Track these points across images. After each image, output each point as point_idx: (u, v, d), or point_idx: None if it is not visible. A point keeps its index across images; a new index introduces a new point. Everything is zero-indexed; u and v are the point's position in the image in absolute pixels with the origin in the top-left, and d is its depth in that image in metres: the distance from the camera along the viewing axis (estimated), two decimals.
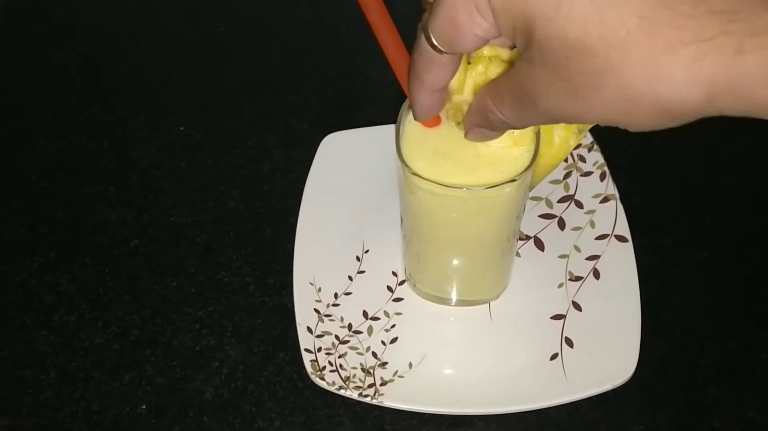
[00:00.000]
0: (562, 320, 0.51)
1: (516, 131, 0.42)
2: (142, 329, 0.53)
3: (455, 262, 0.50)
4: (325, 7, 0.72)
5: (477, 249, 0.48)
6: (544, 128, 0.43)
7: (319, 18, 0.72)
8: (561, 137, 0.43)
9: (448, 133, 0.43)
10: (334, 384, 0.48)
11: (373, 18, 0.39)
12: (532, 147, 0.42)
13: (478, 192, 0.42)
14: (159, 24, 0.73)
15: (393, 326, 0.52)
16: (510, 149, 0.43)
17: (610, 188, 0.56)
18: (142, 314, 0.54)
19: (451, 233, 0.47)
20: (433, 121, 0.43)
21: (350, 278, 0.54)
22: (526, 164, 0.42)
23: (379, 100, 0.64)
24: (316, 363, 0.49)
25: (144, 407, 0.50)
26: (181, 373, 0.51)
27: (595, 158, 0.58)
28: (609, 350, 0.49)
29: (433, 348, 0.51)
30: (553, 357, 0.50)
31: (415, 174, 0.42)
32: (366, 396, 0.48)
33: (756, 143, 0.61)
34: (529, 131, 0.43)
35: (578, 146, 0.58)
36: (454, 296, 0.52)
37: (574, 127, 0.43)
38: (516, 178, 0.42)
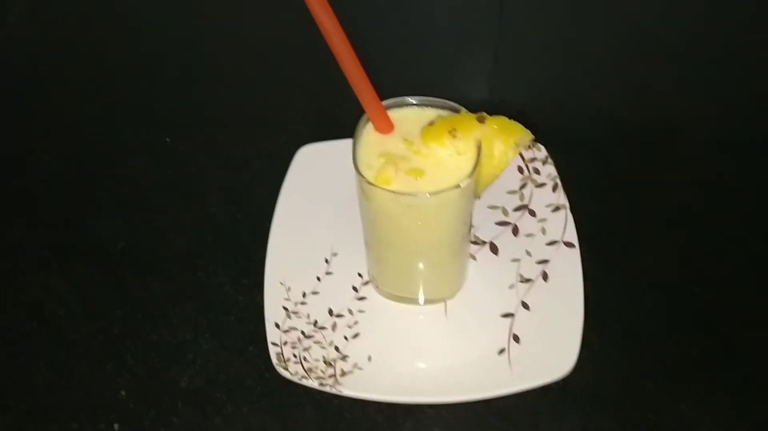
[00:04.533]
0: (511, 319, 0.55)
1: (461, 143, 0.47)
2: (125, 323, 0.58)
3: (411, 265, 0.54)
4: (305, 32, 0.77)
5: (430, 253, 0.53)
6: (484, 142, 0.47)
7: (300, 41, 0.77)
8: (500, 151, 0.47)
9: (401, 144, 0.48)
10: (296, 374, 0.53)
11: (334, 44, 0.44)
12: (474, 157, 0.47)
13: (426, 199, 0.46)
14: (152, 47, 0.79)
15: (356, 322, 0.56)
16: (455, 158, 0.47)
17: (561, 198, 0.60)
18: (125, 310, 0.58)
19: (405, 238, 0.51)
20: (387, 128, 0.48)
21: (318, 278, 0.58)
22: (469, 172, 0.47)
23: (352, 116, 0.69)
24: (281, 356, 0.53)
25: (123, 393, 0.54)
26: (158, 364, 0.55)
27: (549, 170, 0.62)
28: (552, 346, 0.53)
29: (392, 343, 0.55)
30: (501, 351, 0.54)
31: (369, 183, 0.47)
32: (326, 385, 0.52)
33: (696, 161, 0.66)
34: (472, 144, 0.47)
35: (533, 160, 0.62)
36: (412, 296, 0.56)
37: (510, 142, 0.47)
38: (460, 184, 0.46)
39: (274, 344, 0.54)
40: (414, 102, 0.50)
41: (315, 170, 0.63)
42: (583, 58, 0.76)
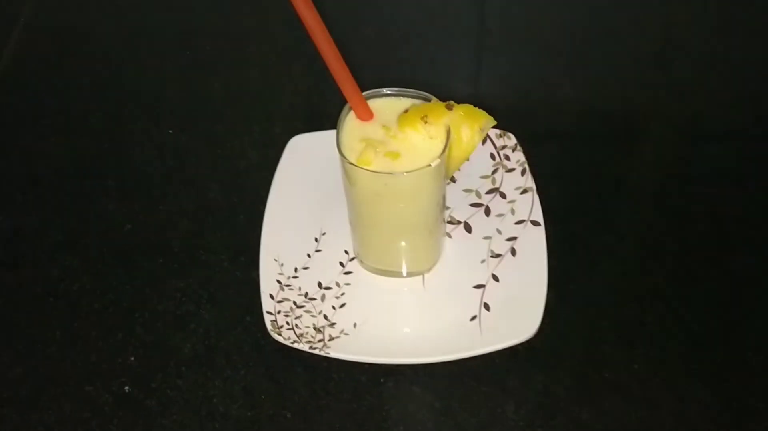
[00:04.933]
0: (482, 289, 0.61)
1: (432, 129, 0.53)
2: (133, 297, 0.63)
3: (391, 241, 0.60)
4: (298, 30, 0.83)
5: (407, 230, 0.59)
6: (453, 127, 0.53)
7: (293, 39, 0.83)
8: (467, 135, 0.53)
9: (380, 130, 0.54)
10: (289, 339, 0.58)
11: (317, 40, 0.50)
12: (444, 140, 0.53)
13: (401, 177, 0.52)
14: (155, 44, 0.85)
15: (342, 294, 0.62)
16: (428, 142, 0.53)
17: (528, 182, 0.66)
18: (133, 284, 0.64)
19: (385, 216, 0.57)
20: (367, 116, 0.54)
21: (309, 255, 0.64)
22: (439, 153, 0.52)
23: (339, 109, 0.74)
24: (275, 323, 0.59)
25: (133, 359, 0.60)
26: (164, 333, 0.61)
27: (518, 157, 0.68)
28: (518, 313, 0.59)
29: (375, 312, 0.61)
30: (473, 318, 0.60)
31: (351, 164, 0.53)
32: (315, 348, 0.58)
33: (656, 147, 0.72)
34: (442, 129, 0.53)
35: (503, 147, 0.68)
36: (393, 269, 0.62)
37: (476, 127, 0.53)
38: (431, 164, 0.52)
39: (269, 313, 0.60)
40: (390, 92, 0.55)
41: (305, 158, 0.69)
42: (555, 55, 0.81)
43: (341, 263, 0.64)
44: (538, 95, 0.78)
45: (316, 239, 0.65)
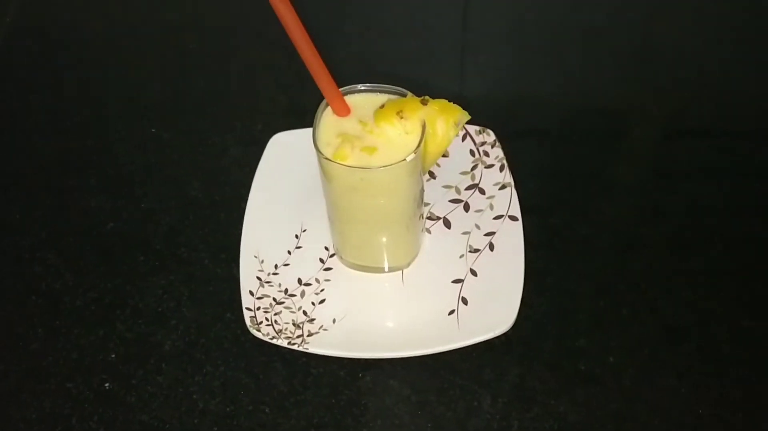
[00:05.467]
0: (461, 284, 0.62)
1: (408, 123, 0.53)
2: (115, 294, 0.64)
3: (369, 237, 0.61)
4: (278, 28, 0.84)
5: (384, 225, 0.59)
6: (428, 122, 0.54)
7: (275, 36, 0.83)
8: (442, 130, 0.54)
9: (356, 125, 0.55)
10: (268, 335, 0.59)
11: (295, 37, 0.51)
12: (419, 135, 0.53)
13: (376, 171, 0.53)
14: (138, 42, 0.85)
15: (322, 290, 0.62)
16: (404, 137, 0.54)
17: (507, 177, 0.67)
18: (114, 282, 0.64)
19: (362, 211, 0.58)
20: (344, 111, 0.55)
21: (289, 252, 0.65)
22: (415, 148, 0.53)
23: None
24: (254, 319, 0.60)
25: (113, 356, 0.60)
26: (145, 329, 0.62)
27: (497, 153, 0.68)
28: (495, 306, 0.59)
29: (354, 307, 0.61)
30: (451, 312, 0.60)
31: (327, 159, 0.53)
32: (294, 344, 0.58)
33: (631, 144, 0.73)
34: (417, 124, 0.53)
35: (483, 143, 0.69)
36: (372, 265, 0.63)
37: (450, 121, 0.54)
38: (406, 158, 0.52)
39: (248, 309, 0.60)
40: (366, 88, 0.56)
41: (286, 156, 0.70)
42: (535, 53, 0.82)
43: (321, 260, 0.64)
44: (518, 92, 0.78)
45: (296, 236, 0.66)
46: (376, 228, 0.60)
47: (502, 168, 0.67)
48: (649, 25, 0.84)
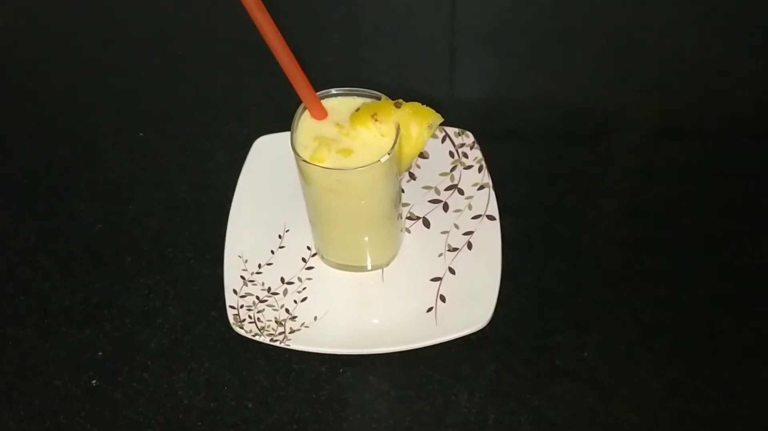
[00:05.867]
0: (439, 282, 0.63)
1: (383, 126, 0.55)
2: (102, 294, 0.65)
3: (348, 237, 0.62)
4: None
5: (363, 225, 0.61)
6: (402, 124, 0.55)
7: (261, 42, 0.85)
8: (416, 132, 0.56)
9: (333, 129, 0.56)
10: (251, 331, 0.60)
11: (272, 43, 0.52)
12: (393, 137, 0.55)
13: (352, 173, 0.54)
14: (126, 49, 0.87)
15: (304, 288, 0.64)
16: (379, 140, 0.55)
17: (485, 178, 0.68)
18: (102, 282, 0.66)
19: (340, 212, 0.59)
20: (321, 115, 0.56)
21: (272, 251, 0.66)
22: (389, 149, 0.55)
23: None
24: (237, 317, 0.61)
25: (101, 354, 0.62)
26: (131, 328, 0.63)
27: (476, 154, 0.70)
28: (473, 304, 0.61)
29: (335, 305, 0.63)
30: (429, 310, 0.61)
31: (304, 161, 0.55)
32: (276, 341, 0.60)
33: (611, 144, 0.74)
34: (392, 126, 0.55)
35: (462, 145, 0.70)
36: (352, 264, 0.64)
37: (424, 124, 0.55)
38: (380, 159, 0.54)
39: (231, 307, 0.62)
40: (341, 92, 0.58)
41: (270, 159, 0.71)
42: (514, 56, 0.84)
43: (303, 259, 0.66)
44: (497, 95, 0.80)
45: (279, 236, 0.67)
46: (355, 228, 0.61)
47: (480, 169, 0.69)
48: (629, 27, 0.86)
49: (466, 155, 0.70)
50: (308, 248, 0.66)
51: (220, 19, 0.89)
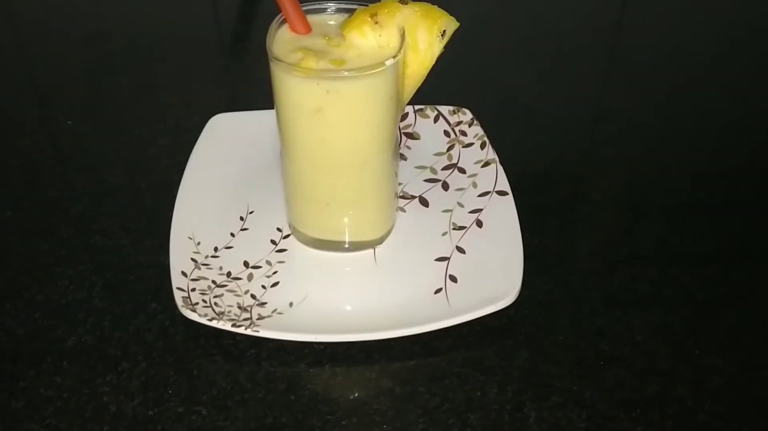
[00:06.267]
0: (446, 262, 0.50)
1: (383, 32, 0.44)
2: (5, 286, 0.50)
3: (334, 191, 0.49)
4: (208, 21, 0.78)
5: (352, 169, 0.48)
6: (408, 30, 0.44)
7: (206, 37, 0.76)
8: (425, 42, 0.45)
9: (319, 40, 0.45)
10: (206, 316, 0.45)
11: None
12: (399, 43, 0.44)
13: (348, 79, 0.43)
14: (61, 42, 0.76)
15: (275, 272, 0.50)
16: (377, 51, 0.45)
17: (490, 154, 0.58)
18: (6, 272, 0.51)
19: (326, 149, 0.46)
20: (304, 29, 0.45)
21: (232, 234, 0.52)
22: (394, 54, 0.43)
23: (260, 93, 0.65)
24: (188, 299, 0.46)
25: None
26: (42, 323, 0.47)
27: (475, 131, 0.59)
28: (490, 282, 0.48)
29: (316, 289, 0.49)
30: (437, 291, 0.48)
31: (288, 64, 0.43)
32: (239, 326, 0.45)
33: (621, 126, 0.65)
34: (394, 33, 0.44)
35: (459, 123, 0.60)
36: (336, 238, 0.51)
37: (435, 29, 0.45)
38: (385, 62, 0.43)
39: (180, 289, 0.47)
40: (333, 6, 0.47)
41: (227, 138, 0.59)
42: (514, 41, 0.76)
43: (273, 241, 0.52)
44: (494, 73, 0.71)
45: (241, 218, 0.54)
46: (342, 173, 0.48)
47: (483, 146, 0.58)
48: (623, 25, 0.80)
49: (464, 133, 0.59)
50: (278, 229, 0.53)
51: (158, 15, 0.79)
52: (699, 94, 0.70)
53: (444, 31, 0.45)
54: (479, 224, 0.53)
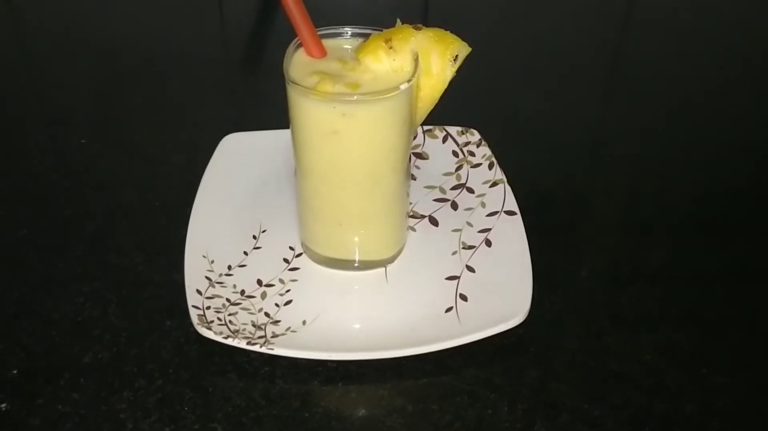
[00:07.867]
0: (456, 281, 0.51)
1: (397, 56, 0.45)
2: (22, 303, 0.50)
3: (346, 209, 0.50)
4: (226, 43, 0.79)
5: (366, 187, 0.49)
6: (421, 54, 0.45)
7: (221, 50, 0.77)
8: (438, 66, 0.46)
9: (334, 64, 0.46)
10: (221, 334, 0.46)
11: None
12: (412, 68, 0.45)
13: (363, 103, 0.44)
14: (74, 61, 0.77)
15: (288, 290, 0.51)
16: (391, 75, 0.46)
17: (498, 174, 0.59)
18: (22, 290, 0.51)
19: (338, 170, 0.47)
20: (319, 52, 0.46)
21: (245, 253, 0.53)
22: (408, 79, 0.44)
23: (272, 114, 0.66)
24: (203, 317, 0.47)
25: (15, 372, 0.46)
26: (59, 341, 0.48)
27: (483, 151, 0.60)
28: (501, 301, 0.49)
29: (329, 308, 0.50)
30: (448, 310, 0.49)
31: (305, 88, 0.44)
32: (254, 344, 0.46)
33: (627, 146, 0.66)
34: (408, 58, 0.45)
35: (467, 144, 0.61)
36: (347, 257, 0.52)
37: (447, 54, 0.46)
38: (399, 86, 0.44)
39: (195, 307, 0.48)
40: (348, 31, 0.48)
41: (239, 157, 0.60)
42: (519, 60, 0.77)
43: (285, 260, 0.53)
44: (501, 94, 0.73)
45: (254, 237, 0.55)
46: (355, 195, 0.49)
47: (491, 166, 0.59)
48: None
49: (472, 154, 0.60)
50: (291, 248, 0.54)
51: (172, 32, 0.80)
52: (704, 114, 0.71)
53: (456, 56, 0.46)
54: (488, 243, 0.54)
